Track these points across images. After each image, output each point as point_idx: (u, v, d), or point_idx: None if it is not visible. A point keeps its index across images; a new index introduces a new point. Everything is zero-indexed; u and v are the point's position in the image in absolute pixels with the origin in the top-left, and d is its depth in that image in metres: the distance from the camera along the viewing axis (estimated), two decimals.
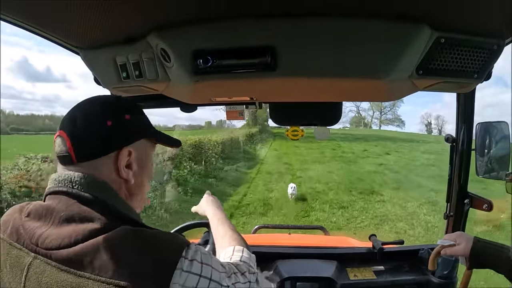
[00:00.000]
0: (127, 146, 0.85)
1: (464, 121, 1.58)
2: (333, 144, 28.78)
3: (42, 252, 0.72)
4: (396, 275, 1.78)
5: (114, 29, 1.00)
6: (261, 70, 0.96)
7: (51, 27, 1.02)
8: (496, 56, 1.01)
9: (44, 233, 0.73)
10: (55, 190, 0.79)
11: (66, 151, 0.80)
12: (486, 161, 1.47)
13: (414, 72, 0.99)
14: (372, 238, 1.93)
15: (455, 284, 1.68)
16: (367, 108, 70.27)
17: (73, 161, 0.80)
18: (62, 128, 0.82)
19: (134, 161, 0.87)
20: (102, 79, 1.22)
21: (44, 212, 0.76)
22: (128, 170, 0.86)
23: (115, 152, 0.84)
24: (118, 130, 0.84)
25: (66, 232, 0.72)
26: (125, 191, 0.87)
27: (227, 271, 0.83)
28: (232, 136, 21.57)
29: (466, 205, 1.64)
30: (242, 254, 1.02)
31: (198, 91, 1.15)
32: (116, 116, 0.84)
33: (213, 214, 1.28)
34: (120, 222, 0.75)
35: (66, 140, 0.80)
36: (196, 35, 0.95)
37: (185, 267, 0.72)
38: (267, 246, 2.04)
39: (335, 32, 0.90)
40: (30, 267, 0.73)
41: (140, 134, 0.90)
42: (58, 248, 0.71)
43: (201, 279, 0.74)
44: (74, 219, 0.74)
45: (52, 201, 0.78)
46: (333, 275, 1.69)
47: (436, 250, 1.36)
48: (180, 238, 0.79)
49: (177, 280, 0.70)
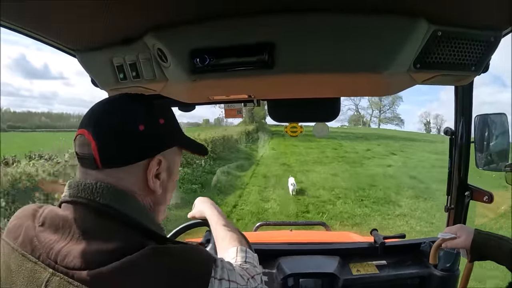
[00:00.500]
0: (159, 154, 0.80)
1: (463, 114, 1.59)
2: (334, 143, 27.53)
3: (61, 270, 0.67)
4: (399, 269, 1.79)
5: (111, 30, 0.99)
6: (259, 68, 0.95)
7: (46, 30, 1.01)
8: (493, 48, 1.01)
9: (63, 249, 0.68)
10: (73, 199, 0.73)
11: (89, 154, 0.74)
12: (485, 153, 1.47)
13: (412, 65, 0.98)
14: (374, 233, 1.94)
15: (457, 276, 1.69)
16: (366, 106, 69.29)
17: (98, 166, 0.74)
18: (85, 127, 0.75)
19: (163, 171, 0.82)
20: (99, 81, 1.22)
21: (61, 224, 0.71)
22: (156, 180, 0.80)
23: (146, 161, 0.78)
24: (151, 136, 0.79)
25: (88, 251, 0.67)
26: (149, 202, 0.82)
27: (245, 282, 0.81)
28: (225, 134, 20.41)
29: (467, 198, 1.65)
30: (246, 255, 0.99)
31: (196, 90, 1.15)
32: (150, 120, 0.79)
33: (211, 214, 1.25)
34: (144, 239, 0.71)
35: (90, 141, 0.74)
36: (193, 34, 0.94)
37: (216, 287, 0.71)
38: (269, 244, 2.04)
39: (334, 28, 0.90)
40: (48, 284, 0.67)
41: (172, 141, 0.85)
42: (80, 268, 0.66)
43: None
44: (95, 236, 0.69)
45: (70, 212, 0.73)
46: (336, 270, 1.69)
47: (436, 243, 1.37)
48: (206, 254, 0.75)
49: None
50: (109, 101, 0.81)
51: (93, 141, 0.74)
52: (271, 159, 20.08)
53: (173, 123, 0.86)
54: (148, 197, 0.81)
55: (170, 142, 0.84)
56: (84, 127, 0.76)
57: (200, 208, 1.33)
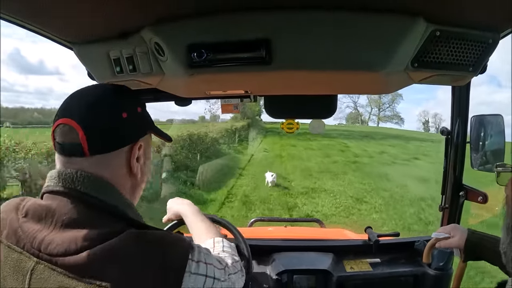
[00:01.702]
0: (140, 140, 0.85)
1: (459, 114, 1.59)
2: (338, 143, 25.86)
3: (45, 257, 0.70)
4: (392, 267, 1.79)
5: (109, 24, 0.99)
6: (257, 63, 0.95)
7: (44, 23, 1.01)
8: (491, 50, 1.01)
9: (46, 237, 0.71)
10: (55, 189, 0.75)
11: (76, 143, 0.76)
12: (481, 154, 1.47)
13: (409, 64, 0.99)
14: (368, 231, 1.94)
15: (450, 275, 1.70)
16: (365, 104, 69.26)
17: (85, 154, 0.76)
18: (69, 116, 0.77)
19: (142, 155, 0.87)
20: (95, 74, 1.21)
21: (44, 214, 0.73)
22: (137, 163, 0.85)
23: (129, 146, 0.83)
24: (133, 123, 0.83)
25: (70, 238, 0.70)
26: (129, 187, 0.86)
27: (224, 266, 0.86)
28: (202, 132, 15.88)
29: (461, 197, 1.66)
30: (223, 245, 1.04)
31: (193, 85, 1.15)
32: (130, 108, 0.83)
33: (185, 211, 1.28)
34: (124, 225, 0.74)
35: (78, 129, 0.75)
36: (190, 29, 0.94)
37: (193, 269, 0.74)
38: (263, 240, 2.05)
39: (331, 25, 0.90)
40: (33, 272, 0.70)
41: (149, 127, 0.90)
42: (64, 254, 0.69)
43: (207, 279, 0.77)
44: (77, 224, 0.72)
45: (52, 202, 0.75)
46: (330, 267, 1.70)
47: (430, 243, 1.37)
48: (184, 239, 0.79)
49: (187, 283, 0.72)
50: (91, 89, 0.84)
51: (81, 130, 0.75)
52: (261, 166, 14.90)
53: (146, 111, 0.92)
54: (128, 180, 0.85)
55: (147, 128, 0.90)
56: (67, 116, 0.77)
57: (174, 209, 1.35)
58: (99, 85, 0.87)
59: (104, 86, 0.86)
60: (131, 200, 0.87)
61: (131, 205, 0.84)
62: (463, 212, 1.72)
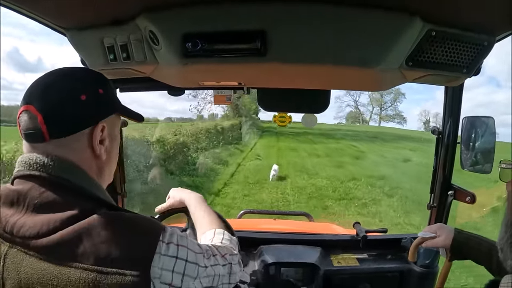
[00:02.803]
0: (102, 121, 0.83)
1: (451, 115, 1.60)
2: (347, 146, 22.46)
3: (18, 241, 0.70)
4: (379, 262, 1.81)
5: (103, 10, 0.98)
6: (251, 55, 0.95)
7: (37, 7, 1.00)
8: (486, 52, 1.02)
9: (18, 221, 0.71)
10: (25, 174, 0.75)
11: (36, 128, 0.75)
12: (471, 155, 1.48)
13: (403, 63, 0.99)
14: (356, 226, 1.96)
15: (436, 273, 1.71)
16: (367, 103, 67.95)
17: (45, 138, 0.76)
18: (29, 102, 0.76)
19: (107, 137, 0.85)
20: (88, 61, 1.20)
21: (15, 198, 0.73)
22: (101, 145, 0.84)
23: (90, 128, 0.81)
24: (93, 105, 0.81)
25: (42, 220, 0.70)
26: (95, 169, 0.85)
27: (203, 252, 0.84)
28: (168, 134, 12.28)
29: (450, 197, 1.67)
30: (223, 237, 1.03)
31: (186, 75, 1.15)
32: (90, 90, 0.81)
33: (189, 199, 1.26)
34: (95, 206, 0.74)
35: (37, 115, 0.75)
36: (186, 18, 0.94)
37: (163, 250, 0.73)
38: (252, 231, 2.05)
39: (327, 19, 0.90)
40: (6, 256, 0.71)
41: (112, 108, 0.88)
42: (36, 237, 0.69)
43: (178, 261, 0.75)
44: (49, 206, 0.72)
45: (23, 186, 0.75)
46: (317, 261, 1.71)
47: (416, 241, 1.38)
48: (156, 222, 0.79)
49: (156, 264, 0.72)
50: (50, 74, 0.82)
51: (39, 115, 0.75)
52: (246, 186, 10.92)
53: (111, 92, 0.89)
54: (93, 163, 0.84)
55: (110, 110, 0.87)
56: (27, 102, 0.77)
57: (177, 197, 1.32)
58: (58, 69, 0.84)
59: (63, 70, 0.84)
60: (100, 182, 0.87)
61: (100, 187, 0.85)
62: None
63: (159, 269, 0.71)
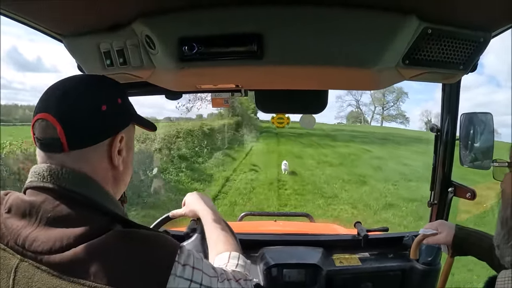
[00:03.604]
0: (121, 132, 0.83)
1: (449, 111, 1.60)
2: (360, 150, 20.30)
3: (29, 255, 0.68)
4: (381, 261, 1.81)
5: (99, 16, 0.98)
6: (248, 58, 0.95)
7: (34, 14, 0.99)
8: (482, 49, 1.03)
9: (30, 234, 0.69)
10: (39, 185, 0.73)
11: (54, 138, 0.74)
12: (470, 151, 1.49)
13: (400, 61, 1.00)
14: (357, 225, 1.96)
15: (438, 270, 1.71)
16: (368, 102, 66.65)
17: (64, 149, 0.74)
18: (47, 111, 0.74)
19: (124, 147, 0.84)
20: (85, 67, 1.20)
21: (28, 210, 0.71)
22: (119, 156, 0.83)
23: (110, 139, 0.81)
24: (113, 115, 0.81)
25: (55, 236, 0.68)
26: (111, 180, 0.84)
27: (218, 275, 0.81)
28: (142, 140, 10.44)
29: (450, 194, 1.67)
30: (237, 262, 0.99)
31: (183, 79, 1.14)
32: (110, 100, 0.81)
33: (204, 213, 1.22)
34: (110, 222, 0.73)
35: (55, 124, 0.73)
36: (182, 22, 0.94)
37: (179, 272, 0.72)
38: (253, 234, 2.05)
39: (323, 21, 0.90)
40: (17, 270, 0.68)
41: (130, 118, 0.88)
42: (49, 253, 0.67)
43: (192, 284, 0.73)
44: (62, 221, 0.70)
45: (36, 198, 0.72)
46: (319, 261, 1.71)
47: (418, 239, 1.38)
48: (172, 241, 0.76)
49: (171, 285, 0.70)
50: (68, 81, 0.80)
51: (59, 125, 0.73)
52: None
53: (128, 102, 0.89)
54: (110, 173, 0.83)
55: (128, 120, 0.87)
56: (45, 111, 0.75)
57: (192, 206, 1.30)
58: (77, 76, 0.83)
59: (81, 78, 0.84)
60: (114, 193, 0.86)
61: (116, 201, 0.83)
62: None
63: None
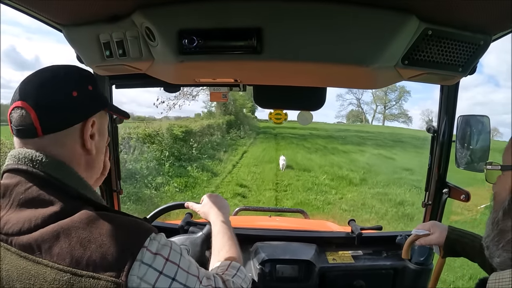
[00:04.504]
0: (92, 117, 0.85)
1: (446, 113, 1.61)
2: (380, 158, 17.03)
3: (2, 237, 0.70)
4: (374, 259, 1.82)
5: (99, 6, 0.98)
6: (247, 52, 0.95)
7: (34, 3, 0.99)
8: (482, 52, 1.03)
9: (3, 217, 0.71)
10: (14, 167, 0.76)
11: (29, 123, 0.77)
12: (466, 153, 1.49)
13: (399, 61, 1.00)
14: (351, 223, 1.97)
15: (430, 270, 1.73)
16: (370, 101, 65.48)
17: (38, 134, 0.77)
18: (23, 99, 0.78)
19: (96, 132, 0.87)
20: (84, 57, 1.20)
21: (2, 193, 0.74)
22: (92, 140, 0.86)
23: (81, 123, 0.83)
24: (83, 101, 0.83)
25: (25, 217, 0.70)
26: (84, 164, 0.86)
27: (200, 276, 0.79)
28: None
29: (444, 195, 1.68)
30: (236, 273, 0.97)
31: (182, 71, 1.14)
32: (80, 87, 0.84)
33: (216, 220, 1.23)
34: (80, 204, 0.74)
35: (30, 111, 0.76)
36: (182, 15, 0.94)
37: (146, 259, 0.69)
38: (247, 228, 2.05)
39: (324, 17, 0.90)
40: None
41: (102, 104, 0.90)
42: (18, 233, 0.69)
43: (161, 277, 0.71)
44: (33, 203, 0.72)
45: (10, 180, 0.75)
46: (312, 258, 1.72)
47: (410, 239, 1.39)
48: (145, 226, 0.75)
49: (136, 272, 0.68)
50: (42, 71, 0.84)
51: (33, 111, 0.76)
52: None
53: (99, 90, 0.91)
54: (83, 158, 0.85)
55: (100, 106, 0.89)
56: (20, 99, 0.78)
57: (206, 208, 1.30)
58: (50, 66, 0.85)
59: (54, 68, 0.85)
60: (88, 178, 0.86)
61: (88, 185, 0.84)
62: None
63: (138, 279, 0.68)
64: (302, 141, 22.20)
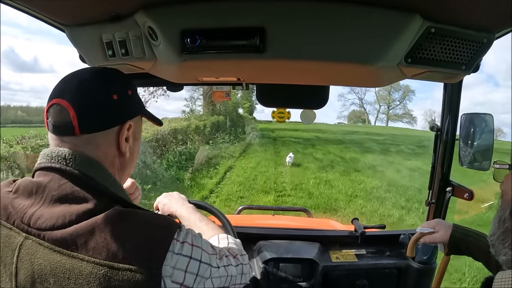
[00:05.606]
0: (129, 121, 0.87)
1: (450, 111, 1.60)
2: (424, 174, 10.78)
3: (34, 232, 0.72)
4: (377, 258, 1.82)
5: (101, 6, 0.98)
6: (250, 51, 0.95)
7: (37, 3, 0.99)
8: (485, 50, 1.02)
9: (36, 212, 0.72)
10: (46, 166, 0.77)
11: (67, 121, 0.78)
12: (469, 152, 1.49)
13: (402, 59, 0.99)
14: (355, 222, 1.96)
15: (434, 269, 1.72)
16: (373, 101, 63.38)
17: (76, 132, 0.79)
18: (61, 96, 0.79)
19: (131, 135, 0.89)
20: (87, 57, 1.21)
21: (34, 189, 0.75)
22: (126, 143, 0.88)
23: (119, 126, 0.85)
24: (122, 105, 0.85)
25: (59, 213, 0.71)
26: (118, 165, 0.89)
27: (217, 253, 0.85)
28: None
29: (448, 193, 1.68)
30: (228, 241, 1.04)
31: (185, 71, 1.15)
32: (121, 91, 0.85)
33: (180, 212, 1.24)
34: (111, 202, 0.75)
35: (69, 109, 0.77)
36: (185, 14, 0.94)
37: (177, 249, 0.73)
38: (250, 227, 2.05)
39: (327, 16, 0.90)
40: (21, 247, 0.72)
41: (139, 109, 0.92)
42: (52, 229, 0.70)
43: (191, 261, 0.75)
44: (66, 199, 0.73)
45: (43, 178, 0.76)
46: (316, 257, 1.72)
47: (414, 237, 1.39)
48: (171, 220, 0.79)
49: (169, 262, 0.71)
50: (84, 72, 0.85)
51: (72, 109, 0.77)
52: None
53: (137, 95, 0.94)
54: (117, 160, 0.88)
55: (137, 111, 0.92)
56: (59, 96, 0.79)
57: (166, 210, 1.31)
58: (91, 68, 0.88)
59: (96, 69, 0.88)
60: (120, 179, 0.89)
61: (119, 184, 0.86)
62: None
63: (171, 268, 0.72)
64: (309, 147, 17.92)
